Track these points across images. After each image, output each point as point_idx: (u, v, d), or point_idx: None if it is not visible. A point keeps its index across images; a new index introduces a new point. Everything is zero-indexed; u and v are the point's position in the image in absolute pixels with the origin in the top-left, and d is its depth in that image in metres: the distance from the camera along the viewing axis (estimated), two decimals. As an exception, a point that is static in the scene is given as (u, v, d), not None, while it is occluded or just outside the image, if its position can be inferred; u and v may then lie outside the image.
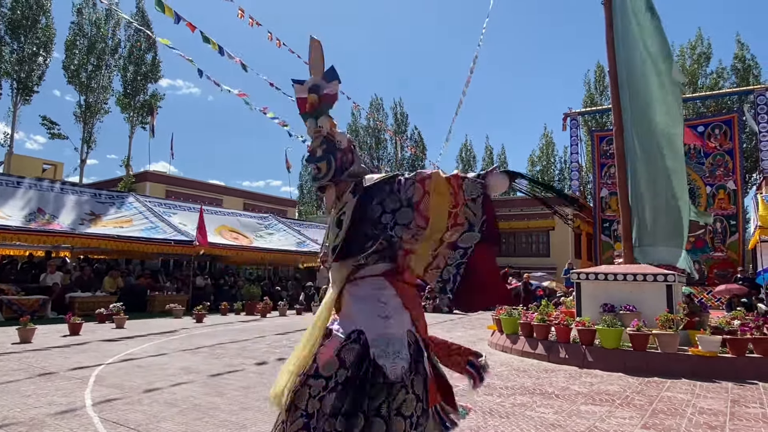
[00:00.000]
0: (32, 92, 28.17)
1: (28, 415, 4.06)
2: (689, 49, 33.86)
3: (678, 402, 4.88)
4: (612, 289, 8.01)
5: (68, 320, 9.39)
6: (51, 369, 5.98)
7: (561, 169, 43.72)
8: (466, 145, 47.91)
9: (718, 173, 22.53)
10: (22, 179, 15.10)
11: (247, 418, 4.09)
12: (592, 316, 7.67)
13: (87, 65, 29.85)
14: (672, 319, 6.88)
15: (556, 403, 4.77)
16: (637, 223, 9.10)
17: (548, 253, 27.83)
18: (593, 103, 36.21)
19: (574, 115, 28.63)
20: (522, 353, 7.74)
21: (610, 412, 4.44)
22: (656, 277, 7.75)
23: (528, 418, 4.19)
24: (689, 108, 31.07)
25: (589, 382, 5.82)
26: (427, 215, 2.04)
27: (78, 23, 29.98)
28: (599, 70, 36.88)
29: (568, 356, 7.14)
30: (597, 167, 25.70)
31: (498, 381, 5.76)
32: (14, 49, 27.20)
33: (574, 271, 8.80)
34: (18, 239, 12.94)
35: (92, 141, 30.58)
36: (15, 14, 27.05)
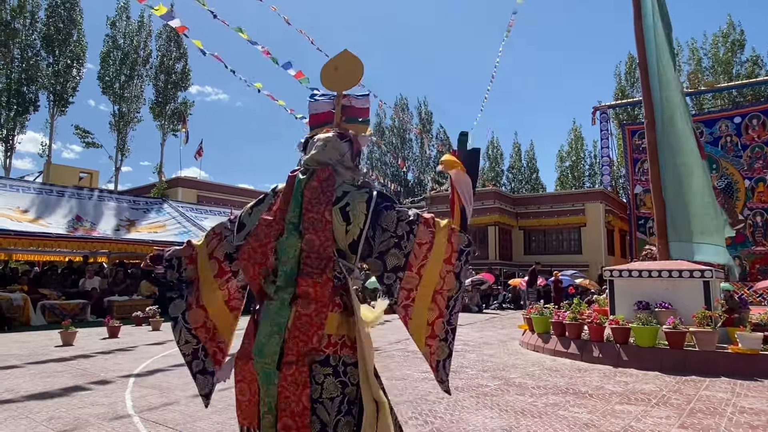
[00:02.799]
0: (68, 103, 29.18)
1: (73, 415, 4.23)
2: (721, 38, 32.78)
3: (717, 401, 4.74)
4: (647, 286, 7.83)
5: (107, 323, 9.70)
6: (92, 370, 6.20)
7: (591, 164, 42.89)
8: (492, 141, 47.46)
9: (756, 166, 21.77)
10: (64, 188, 15.72)
11: (281, 417, 4.16)
12: (626, 314, 7.52)
13: (120, 76, 30.77)
14: (710, 316, 6.69)
15: (590, 402, 4.70)
16: (671, 218, 8.87)
17: (580, 251, 27.33)
18: (624, 95, 35.43)
19: (604, 108, 28.07)
20: (554, 352, 7.65)
21: (645, 412, 4.35)
22: (693, 273, 7.55)
23: (561, 418, 4.14)
24: (724, 98, 30.10)
25: (624, 382, 5.71)
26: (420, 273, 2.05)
27: (112, 36, 30.93)
28: (630, 61, 36.07)
29: (601, 355, 7.02)
30: (630, 162, 25.12)
31: (530, 381, 5.71)
32: (50, 62, 28.22)
33: (608, 269, 8.64)
34: (58, 246, 13.44)
35: (126, 149, 31.48)
36: (49, 29, 28.07)
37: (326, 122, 2.37)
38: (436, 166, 46.27)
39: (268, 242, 1.98)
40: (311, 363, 1.86)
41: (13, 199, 13.66)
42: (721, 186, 22.01)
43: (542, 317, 8.33)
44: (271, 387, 1.85)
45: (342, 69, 2.34)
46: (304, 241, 1.95)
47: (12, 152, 27.73)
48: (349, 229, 2.01)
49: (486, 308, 18.40)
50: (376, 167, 46.55)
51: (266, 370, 1.86)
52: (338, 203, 2.03)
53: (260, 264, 1.97)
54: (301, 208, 2.01)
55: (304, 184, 2.06)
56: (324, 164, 2.11)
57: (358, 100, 2.40)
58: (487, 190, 29.94)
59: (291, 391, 1.83)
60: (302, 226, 1.97)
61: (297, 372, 1.84)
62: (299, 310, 1.89)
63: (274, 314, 1.91)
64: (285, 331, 1.87)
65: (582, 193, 29.92)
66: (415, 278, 2.03)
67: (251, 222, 2.12)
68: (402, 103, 47.20)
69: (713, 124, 22.77)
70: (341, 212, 2.01)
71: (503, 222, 27.93)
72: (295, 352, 1.85)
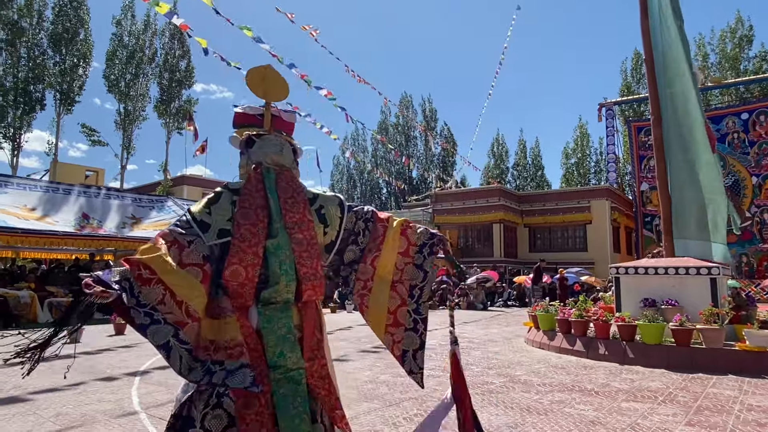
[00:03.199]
0: (74, 102, 29.32)
1: (80, 411, 4.25)
2: (729, 33, 32.53)
3: (725, 399, 4.71)
4: (653, 284, 7.79)
5: (113, 321, 9.75)
6: (99, 367, 6.24)
7: (597, 161, 42.71)
8: (497, 138, 47.30)
9: (764, 162, 21.62)
10: (71, 186, 15.81)
11: (286, 414, 4.17)
12: (632, 311, 7.49)
13: (126, 74, 30.87)
14: (717, 314, 6.65)
15: (596, 400, 4.68)
16: (677, 215, 8.81)
17: (585, 248, 27.23)
18: (630, 91, 35.23)
19: (610, 104, 27.95)
20: (559, 350, 7.63)
21: (652, 409, 4.33)
22: (699, 271, 7.50)
23: (567, 415, 4.13)
24: (732, 94, 29.89)
25: (630, 379, 5.68)
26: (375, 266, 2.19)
27: (118, 35, 31.04)
28: (636, 58, 35.89)
29: (607, 352, 7.00)
30: (636, 159, 25.00)
31: (535, 378, 5.70)
32: (56, 61, 28.35)
33: (614, 266, 8.60)
34: (65, 244, 13.52)
35: (131, 147, 31.63)
36: (57, 28, 28.18)
37: (253, 124, 2.38)
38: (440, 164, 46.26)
39: (258, 243, 1.95)
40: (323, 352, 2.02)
41: (20, 197, 13.74)
42: (728, 183, 21.88)
43: (548, 314, 8.31)
44: (300, 387, 1.88)
45: (270, 81, 2.38)
46: (293, 240, 2.00)
47: (19, 151, 27.92)
48: (327, 231, 2.15)
49: (491, 306, 18.37)
50: (381, 165, 46.53)
51: (292, 373, 1.88)
52: (313, 206, 2.14)
53: (254, 266, 1.92)
54: (279, 207, 2.04)
55: (274, 182, 2.10)
56: (282, 167, 2.19)
57: (286, 114, 2.45)
58: (491, 187, 29.88)
59: (321, 386, 1.95)
60: (286, 226, 2.01)
61: (319, 365, 1.96)
62: (304, 309, 1.97)
63: (279, 318, 1.91)
64: (296, 330, 1.93)
65: (587, 190, 29.79)
66: (370, 270, 2.18)
67: (216, 221, 1.98)
68: (406, 101, 47.15)
69: (720, 120, 22.62)
70: (317, 214, 2.14)
71: (508, 219, 27.86)
72: (309, 348, 1.95)
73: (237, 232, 1.95)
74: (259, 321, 1.90)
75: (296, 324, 1.95)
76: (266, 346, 1.87)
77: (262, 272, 1.93)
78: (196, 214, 2.00)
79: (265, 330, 1.89)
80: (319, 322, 2.06)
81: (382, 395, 4.80)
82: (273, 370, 1.85)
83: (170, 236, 1.93)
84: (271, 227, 2.00)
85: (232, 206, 2.02)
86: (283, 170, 2.18)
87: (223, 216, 1.99)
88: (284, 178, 2.15)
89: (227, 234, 1.96)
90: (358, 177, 50.03)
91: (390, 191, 48.33)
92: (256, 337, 1.87)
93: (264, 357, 1.85)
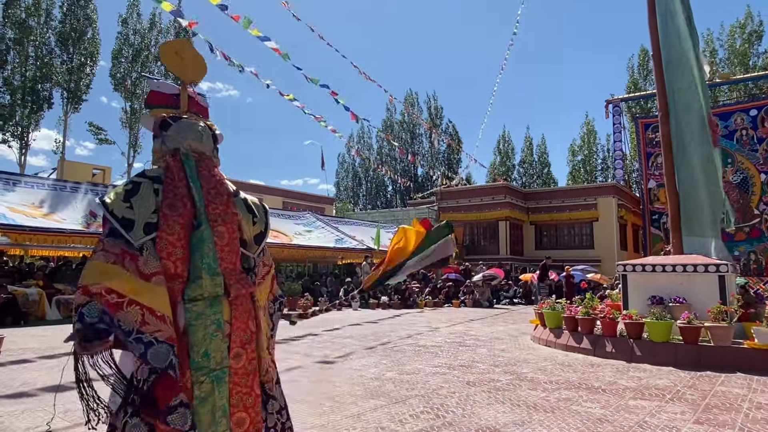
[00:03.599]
0: (81, 100, 29.45)
1: (88, 407, 4.27)
2: (738, 28, 32.25)
3: (733, 397, 4.68)
4: (660, 281, 7.75)
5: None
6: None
7: (603, 158, 42.48)
8: (503, 136, 47.15)
9: (773, 159, 21.39)
10: (78, 184, 15.89)
11: (293, 410, 4.15)
12: (639, 309, 7.44)
13: (132, 73, 30.99)
14: (725, 311, 6.61)
15: (603, 397, 4.66)
16: (684, 212, 8.75)
17: (592, 246, 27.11)
18: (637, 88, 35.03)
19: (617, 101, 27.78)
20: (566, 347, 7.60)
21: (660, 407, 4.31)
22: (707, 268, 7.45)
23: (574, 413, 4.11)
24: (740, 90, 29.62)
25: (638, 377, 5.65)
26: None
27: (124, 33, 31.15)
28: (643, 54, 35.67)
29: (614, 350, 6.96)
30: (643, 156, 24.82)
31: (542, 375, 5.68)
32: (64, 60, 28.49)
33: (621, 263, 8.55)
34: (72, 241, 13.61)
35: (138, 145, 31.74)
36: (65, 27, 28.32)
37: (168, 105, 2.22)
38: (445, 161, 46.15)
39: (186, 235, 1.82)
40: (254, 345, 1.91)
41: (28, 195, 13.83)
42: (736, 180, 21.70)
43: (554, 312, 8.28)
44: (223, 387, 1.76)
45: (186, 59, 2.22)
46: (216, 233, 1.87)
47: (27, 149, 28.07)
48: (255, 221, 2.04)
49: (497, 303, 18.34)
50: (386, 162, 46.50)
51: (216, 373, 1.75)
52: (238, 195, 2.04)
53: (183, 260, 1.79)
54: (202, 197, 1.91)
55: (195, 170, 1.96)
56: (203, 155, 2.04)
57: (200, 97, 2.32)
58: (497, 184, 29.78)
59: (243, 384, 1.82)
60: (209, 217, 1.88)
61: (247, 361, 1.85)
62: (233, 303, 1.85)
63: (207, 314, 1.78)
64: (225, 327, 1.81)
65: (594, 187, 29.64)
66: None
67: (140, 214, 1.79)
68: (412, 98, 47.07)
69: (728, 117, 22.41)
70: (244, 205, 2.03)
71: (514, 217, 27.79)
72: (239, 342, 1.84)
73: (165, 224, 1.79)
74: (186, 318, 1.76)
75: (227, 319, 1.82)
76: (191, 345, 1.74)
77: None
78: (116, 210, 1.78)
79: (192, 327, 1.75)
80: (254, 314, 1.94)
81: (388, 392, 4.80)
82: (195, 372, 1.73)
83: (117, 248, 1.75)
84: (199, 217, 1.86)
85: (155, 196, 1.84)
86: (203, 158, 2.03)
87: (147, 209, 1.80)
88: (205, 166, 2.00)
89: (154, 228, 1.78)
90: (363, 175, 50.02)
91: (395, 189, 48.29)
92: (181, 337, 1.74)
93: (188, 358, 1.72)
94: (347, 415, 4.04)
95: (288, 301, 15.42)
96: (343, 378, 5.47)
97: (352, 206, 47.65)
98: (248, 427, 1.81)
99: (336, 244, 20.20)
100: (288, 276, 20.74)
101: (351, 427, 3.73)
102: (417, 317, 13.34)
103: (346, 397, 4.60)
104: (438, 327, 10.91)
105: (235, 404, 1.79)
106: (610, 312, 7.45)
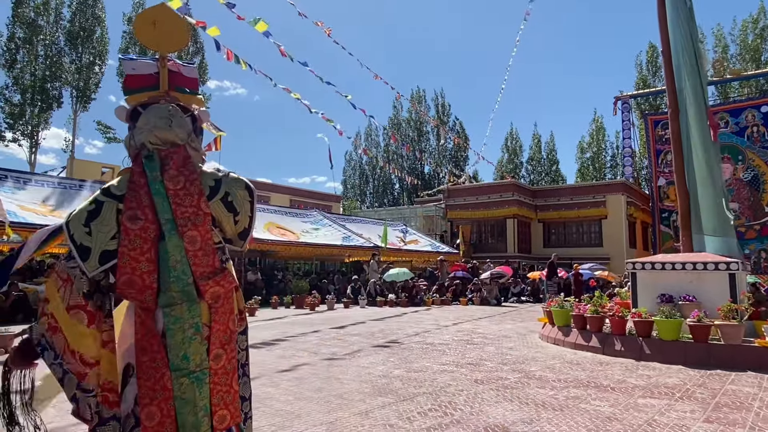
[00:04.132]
0: (90, 99, 29.66)
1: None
2: (751, 23, 31.88)
3: (744, 395, 4.64)
4: (670, 279, 7.69)
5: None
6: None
7: (612, 156, 42.20)
8: (511, 133, 46.95)
9: (785, 155, 21.15)
10: (83, 182, 16.01)
11: (301, 407, 4.20)
12: (648, 307, 7.39)
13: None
14: (736, 310, 6.55)
15: (612, 396, 4.64)
16: (694, 210, 8.67)
17: (601, 243, 26.97)
18: (646, 85, 34.76)
19: (626, 98, 27.59)
20: (575, 346, 7.57)
21: (669, 406, 4.28)
22: (718, 266, 7.38)
23: (582, 411, 4.10)
24: (752, 86, 29.28)
25: (647, 375, 5.62)
26: None
27: (129, 32, 31.30)
28: (651, 51, 35.37)
29: (623, 348, 6.93)
30: (653, 154, 24.64)
31: (550, 374, 5.66)
32: (73, 59, 28.70)
33: (630, 261, 8.50)
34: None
35: (147, 144, 31.94)
36: (74, 26, 28.53)
37: (148, 87, 2.04)
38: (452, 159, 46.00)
39: (150, 247, 1.75)
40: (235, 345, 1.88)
41: (38, 193, 13.97)
42: (747, 178, 21.49)
43: (563, 310, 8.25)
44: (204, 388, 1.75)
45: (163, 26, 2.03)
46: (186, 239, 1.78)
47: (37, 148, 28.33)
48: (237, 219, 1.93)
49: (504, 301, 18.30)
50: (393, 160, 46.47)
51: (196, 374, 1.74)
52: (217, 195, 1.90)
53: (150, 272, 1.75)
54: (168, 201, 1.79)
55: (158, 172, 1.82)
56: (173, 144, 1.89)
57: (185, 68, 2.13)
58: (505, 182, 29.69)
59: (223, 383, 1.81)
60: (177, 222, 1.78)
61: (227, 361, 1.83)
62: (213, 305, 1.82)
63: (185, 318, 1.76)
64: (204, 329, 1.79)
65: (603, 184, 29.47)
66: None
67: (97, 241, 1.76)
68: (419, 96, 46.96)
69: (739, 113, 22.19)
70: (224, 203, 1.91)
71: (522, 214, 27.69)
72: (219, 344, 1.81)
73: (126, 239, 1.73)
74: (165, 323, 1.75)
75: (205, 322, 1.80)
76: (169, 348, 1.73)
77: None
78: (76, 236, 1.75)
79: (170, 331, 1.74)
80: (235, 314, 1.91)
81: (396, 390, 4.81)
82: (174, 373, 1.72)
83: (63, 274, 1.78)
84: (164, 226, 1.78)
85: (117, 216, 1.77)
86: (173, 150, 1.87)
87: (106, 234, 1.75)
88: (174, 162, 1.85)
89: (111, 256, 1.75)
90: (370, 173, 50.02)
91: (402, 187, 48.24)
92: (160, 340, 1.73)
93: (166, 359, 1.72)
94: (355, 412, 4.05)
95: (296, 299, 15.53)
96: (351, 375, 5.48)
97: (360, 204, 47.68)
98: (229, 423, 1.82)
99: (343, 241, 20.23)
100: (295, 274, 20.82)
101: (359, 424, 3.74)
102: (424, 315, 13.34)
103: (354, 395, 4.61)
104: (445, 325, 10.91)
105: (216, 403, 1.78)
106: (619, 310, 7.41)
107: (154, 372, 1.71)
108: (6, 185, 13.50)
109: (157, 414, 1.70)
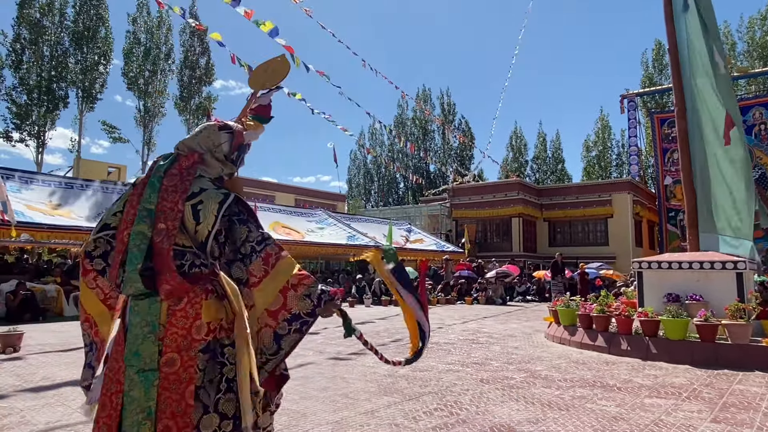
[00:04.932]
0: (96, 99, 29.80)
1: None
2: (759, 20, 31.65)
3: (751, 395, 4.61)
4: (677, 278, 7.65)
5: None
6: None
7: (619, 154, 42.03)
8: (516, 131, 46.83)
9: (792, 153, 20.99)
10: (90, 182, 16.10)
11: (307, 407, 4.20)
12: (655, 306, 7.36)
13: (144, 71, 31.28)
14: (743, 309, 6.51)
15: (618, 395, 4.62)
16: (700, 208, 8.61)
17: (607, 242, 26.87)
18: (652, 83, 34.57)
19: (632, 96, 27.45)
20: (581, 345, 7.54)
21: (676, 405, 4.26)
22: (725, 265, 7.34)
23: (589, 411, 4.08)
24: (759, 84, 29.07)
25: (654, 375, 5.60)
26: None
27: (133, 32, 31.44)
28: (657, 48, 35.16)
29: (630, 348, 6.90)
30: (659, 152, 24.49)
31: (556, 373, 5.64)
32: (78, 59, 28.84)
33: (636, 260, 8.45)
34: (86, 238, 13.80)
35: (152, 143, 32.07)
36: (78, 26, 28.66)
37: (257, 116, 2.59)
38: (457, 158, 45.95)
39: (124, 229, 1.90)
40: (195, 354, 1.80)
41: (44, 193, 14.05)
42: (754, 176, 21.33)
43: (569, 309, 8.22)
44: (150, 389, 1.73)
45: (270, 70, 2.55)
46: (155, 230, 1.85)
47: (43, 148, 28.50)
48: (198, 229, 1.93)
49: (510, 300, 18.26)
50: (398, 159, 46.45)
51: (145, 374, 1.74)
52: (192, 199, 1.94)
53: (118, 252, 1.87)
54: (158, 194, 1.93)
55: (164, 169, 2.00)
56: (192, 150, 2.09)
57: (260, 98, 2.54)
58: (510, 181, 29.62)
59: (172, 390, 1.75)
60: (156, 214, 1.89)
61: (182, 368, 1.77)
62: (171, 306, 1.81)
63: (144, 313, 1.80)
64: (159, 329, 1.79)
65: (609, 183, 29.36)
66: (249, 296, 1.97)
67: (108, 213, 2.08)
68: (424, 94, 46.89)
69: (746, 111, 22.02)
70: (192, 209, 1.93)
71: (527, 213, 27.62)
72: (174, 348, 1.78)
73: (120, 220, 1.98)
74: (129, 316, 1.82)
75: (162, 322, 1.79)
76: (127, 341, 1.78)
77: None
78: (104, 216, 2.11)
79: (130, 326, 1.80)
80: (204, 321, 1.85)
81: (401, 389, 4.81)
82: (128, 368, 1.75)
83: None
84: (139, 213, 1.90)
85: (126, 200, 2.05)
86: (190, 154, 2.06)
87: (111, 211, 2.06)
88: (181, 163, 2.01)
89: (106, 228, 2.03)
90: (375, 172, 50.01)
91: (407, 186, 48.21)
92: (125, 332, 1.81)
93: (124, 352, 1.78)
94: (361, 411, 4.05)
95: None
96: (357, 375, 5.49)
97: (364, 203, 47.69)
98: None
99: (348, 241, 20.23)
100: (300, 273, 20.79)
101: (365, 423, 3.74)
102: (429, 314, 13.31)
103: (359, 394, 4.61)
104: (451, 324, 10.90)
105: (162, 410, 1.73)
106: (626, 309, 7.37)
107: (115, 363, 1.80)
108: (12, 184, 13.58)
109: (108, 405, 1.75)
